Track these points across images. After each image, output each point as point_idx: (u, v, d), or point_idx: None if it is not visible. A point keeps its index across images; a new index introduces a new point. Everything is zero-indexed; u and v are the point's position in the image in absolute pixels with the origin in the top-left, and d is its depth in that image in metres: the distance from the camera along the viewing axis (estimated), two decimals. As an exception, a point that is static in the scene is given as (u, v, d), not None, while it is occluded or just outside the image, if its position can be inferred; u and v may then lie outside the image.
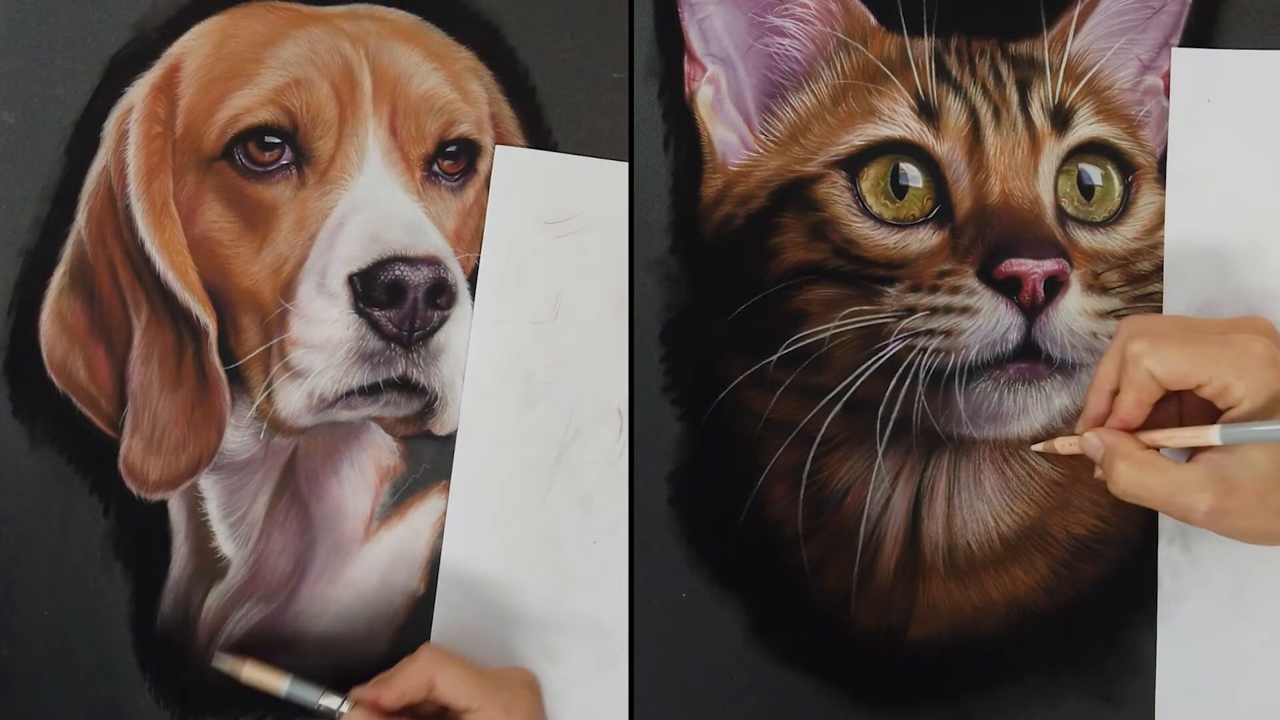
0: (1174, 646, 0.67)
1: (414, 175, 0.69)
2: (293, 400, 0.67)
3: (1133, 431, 0.62)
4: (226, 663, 0.66)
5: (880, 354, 0.67)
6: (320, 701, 0.64)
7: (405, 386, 0.67)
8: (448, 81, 0.70)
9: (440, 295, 0.66)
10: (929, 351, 0.67)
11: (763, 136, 0.69)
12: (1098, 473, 0.63)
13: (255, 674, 0.65)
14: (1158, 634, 0.68)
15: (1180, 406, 0.62)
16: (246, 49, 0.68)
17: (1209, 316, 0.68)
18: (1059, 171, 0.68)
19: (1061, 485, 0.69)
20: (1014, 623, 0.70)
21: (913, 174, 0.68)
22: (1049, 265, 0.65)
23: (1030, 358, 0.66)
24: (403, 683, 0.63)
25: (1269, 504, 0.58)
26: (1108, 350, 0.62)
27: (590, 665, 0.69)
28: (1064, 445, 0.65)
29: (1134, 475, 0.60)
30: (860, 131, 0.68)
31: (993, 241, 0.66)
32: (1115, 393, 0.62)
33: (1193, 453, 0.60)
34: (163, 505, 0.69)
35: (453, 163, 0.70)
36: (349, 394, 0.66)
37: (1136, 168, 0.69)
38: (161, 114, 0.68)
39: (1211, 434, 0.59)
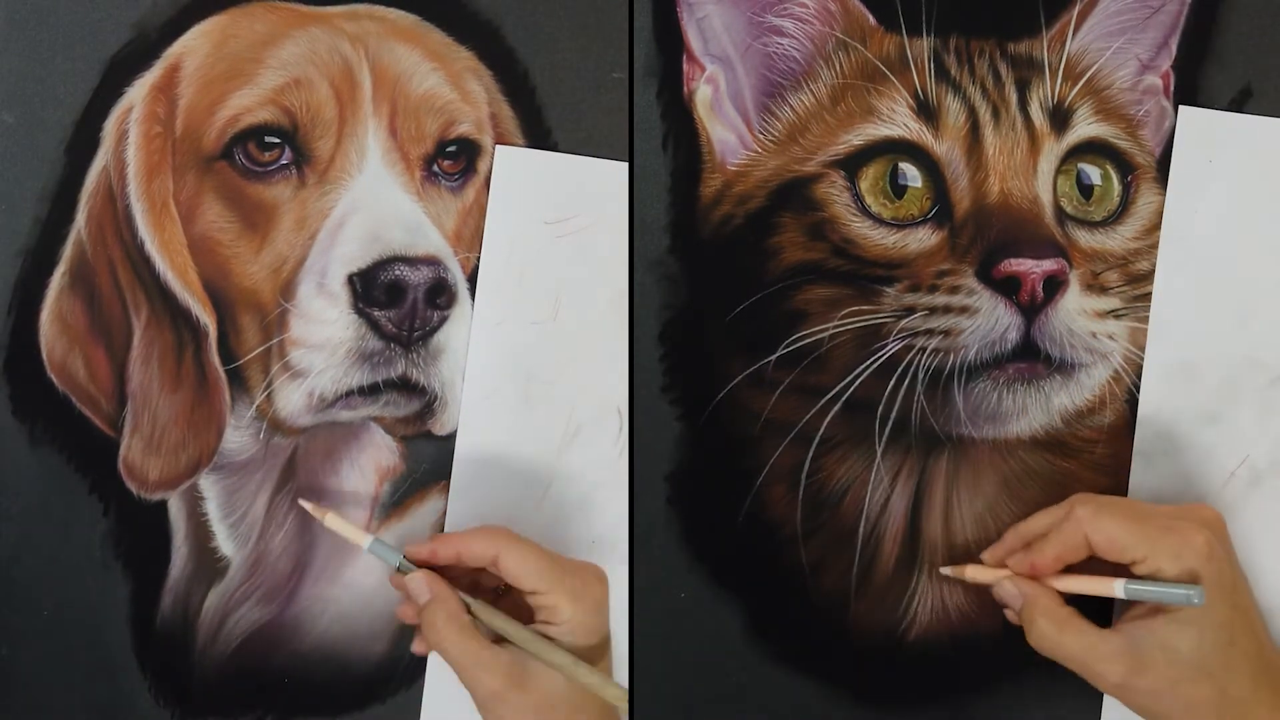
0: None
1: (414, 175, 0.69)
2: (292, 400, 0.67)
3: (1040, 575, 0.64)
4: (310, 506, 0.66)
5: (879, 354, 0.67)
6: (400, 564, 0.64)
7: (405, 386, 0.67)
8: (448, 81, 0.70)
9: (440, 295, 0.66)
10: (928, 351, 0.67)
11: (761, 136, 0.69)
12: (1009, 615, 0.65)
13: (337, 523, 0.65)
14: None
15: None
16: (246, 49, 0.68)
17: (1189, 378, 0.69)
18: (1058, 171, 0.68)
19: (1060, 485, 0.69)
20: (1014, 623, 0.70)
21: (912, 174, 0.68)
22: (1048, 265, 0.65)
23: (1029, 357, 0.66)
24: (461, 545, 0.63)
25: (1179, 693, 0.59)
26: (1051, 509, 0.64)
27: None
28: (975, 574, 0.67)
29: (1052, 633, 0.62)
30: (859, 131, 0.68)
31: (992, 241, 0.66)
32: (1029, 545, 0.64)
33: (1116, 620, 0.62)
34: (162, 505, 0.69)
35: (452, 163, 0.70)
36: (349, 394, 0.66)
37: (1135, 167, 0.69)
38: (161, 114, 0.68)
39: (1116, 586, 0.60)
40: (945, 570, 0.68)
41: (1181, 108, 0.69)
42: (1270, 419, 0.69)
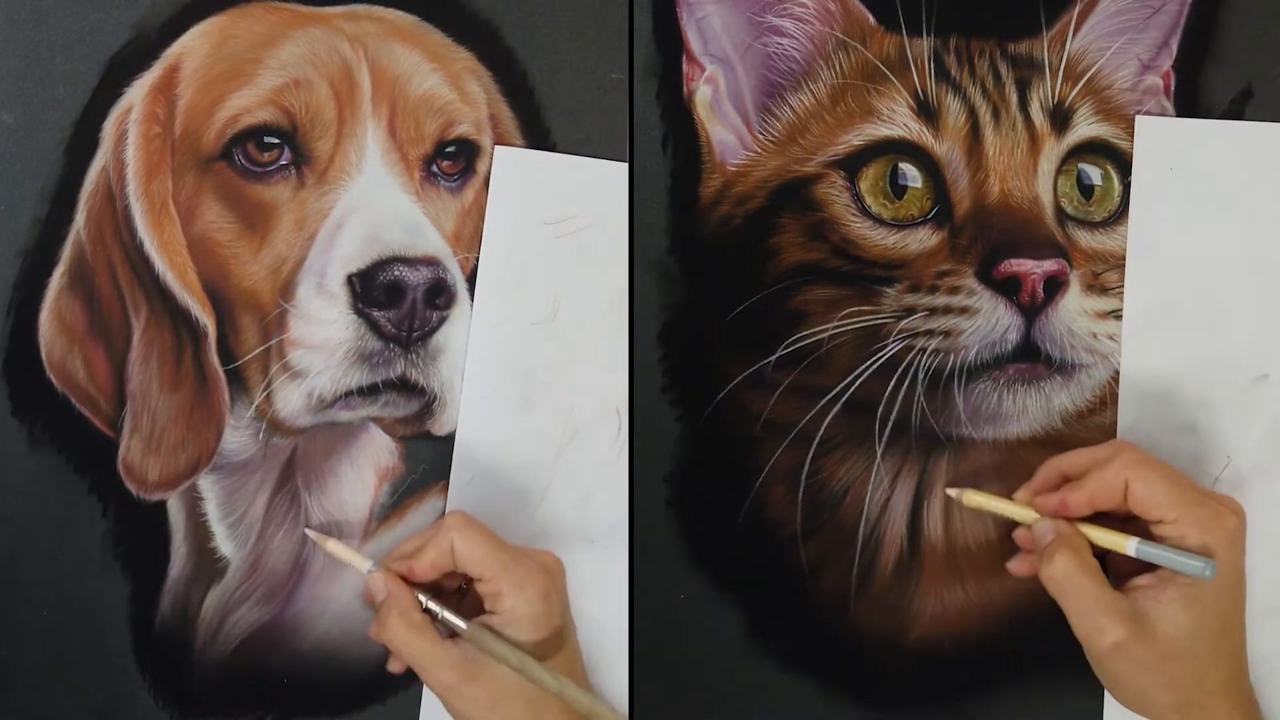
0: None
1: (413, 176, 0.69)
2: (292, 400, 0.67)
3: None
4: (313, 535, 0.68)
5: (879, 354, 0.67)
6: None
7: (404, 387, 0.67)
8: (447, 82, 0.70)
9: (439, 295, 0.66)
10: (928, 352, 0.67)
11: (761, 136, 0.69)
12: (1011, 564, 0.66)
13: (339, 549, 0.66)
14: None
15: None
16: (245, 49, 0.68)
17: (1160, 393, 0.69)
18: (1058, 171, 0.68)
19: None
20: (1014, 623, 0.69)
21: (912, 174, 0.68)
22: (1048, 265, 0.65)
23: (1030, 358, 0.66)
24: (432, 553, 0.63)
25: (1164, 669, 0.59)
26: (1094, 448, 0.63)
27: (590, 665, 0.69)
28: (993, 505, 0.65)
29: (1070, 573, 0.60)
30: (859, 131, 0.68)
31: (992, 241, 0.66)
32: (1067, 479, 0.63)
33: (1121, 583, 0.61)
34: (162, 505, 0.69)
35: (452, 163, 0.70)
36: (348, 394, 0.66)
37: (1136, 168, 0.69)
38: (160, 114, 0.68)
39: (1129, 544, 0.60)
40: (966, 499, 0.66)
41: (1138, 117, 0.69)
42: (1250, 421, 0.69)
